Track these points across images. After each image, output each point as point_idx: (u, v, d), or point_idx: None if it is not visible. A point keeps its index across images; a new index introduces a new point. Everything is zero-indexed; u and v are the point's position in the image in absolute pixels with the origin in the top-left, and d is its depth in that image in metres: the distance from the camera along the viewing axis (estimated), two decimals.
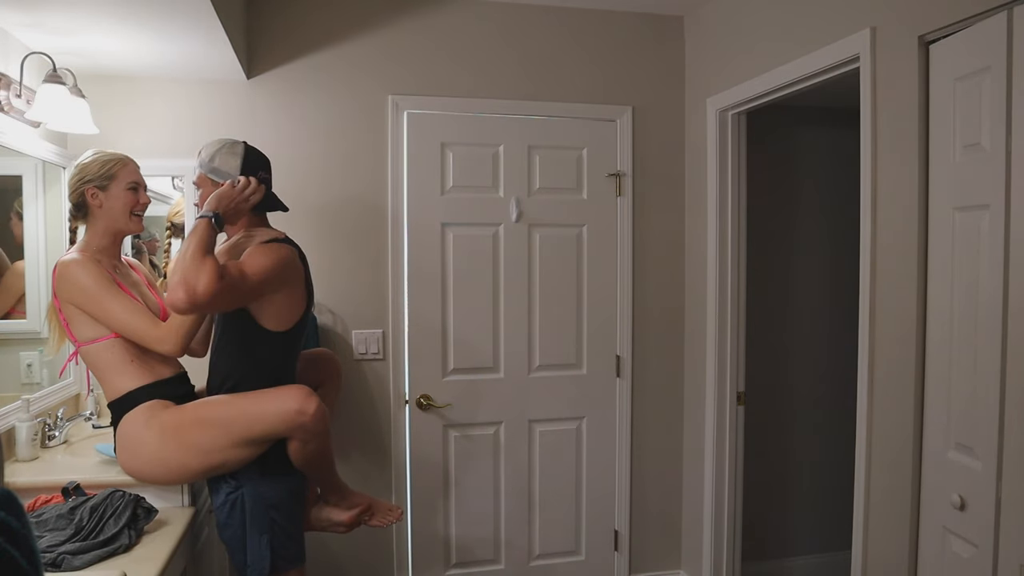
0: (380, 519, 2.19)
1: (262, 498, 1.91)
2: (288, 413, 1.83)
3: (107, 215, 1.98)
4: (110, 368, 1.91)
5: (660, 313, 3.10)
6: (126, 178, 1.99)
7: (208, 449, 1.84)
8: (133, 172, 2.02)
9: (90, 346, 1.91)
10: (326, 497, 2.15)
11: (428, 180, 2.84)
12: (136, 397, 1.90)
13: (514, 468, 2.99)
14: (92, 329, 1.90)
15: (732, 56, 2.74)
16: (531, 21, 2.92)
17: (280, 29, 2.72)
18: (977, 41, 1.71)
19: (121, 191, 1.98)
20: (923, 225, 1.90)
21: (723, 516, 2.91)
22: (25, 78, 2.14)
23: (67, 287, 1.88)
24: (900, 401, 1.98)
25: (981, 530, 1.70)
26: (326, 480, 2.11)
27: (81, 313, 1.89)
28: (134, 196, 2.01)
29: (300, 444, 1.90)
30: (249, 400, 1.86)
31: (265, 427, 1.85)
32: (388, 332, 2.84)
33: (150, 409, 1.89)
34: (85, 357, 1.94)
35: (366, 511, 2.17)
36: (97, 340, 1.90)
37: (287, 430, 1.86)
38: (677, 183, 3.09)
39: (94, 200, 1.96)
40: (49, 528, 1.68)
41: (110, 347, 1.90)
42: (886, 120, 2.01)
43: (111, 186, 1.97)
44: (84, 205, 1.97)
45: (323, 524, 2.15)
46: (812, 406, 3.42)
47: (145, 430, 1.86)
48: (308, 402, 1.83)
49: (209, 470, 1.89)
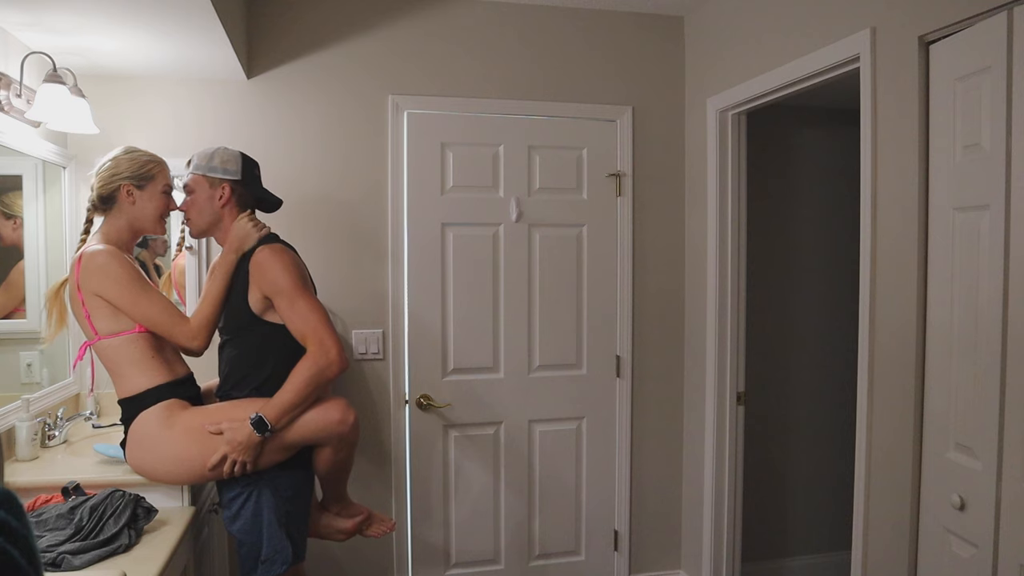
0: (376, 529, 2.24)
1: (280, 491, 1.94)
2: (331, 423, 1.90)
3: (137, 213, 1.98)
4: (129, 363, 1.90)
5: (660, 313, 3.10)
6: (162, 181, 2.01)
7: None
8: (168, 176, 2.04)
9: (112, 339, 1.89)
10: (328, 505, 2.20)
11: (428, 180, 2.85)
12: (154, 395, 1.89)
13: (514, 468, 2.99)
14: (115, 322, 1.89)
15: (732, 56, 2.74)
16: (531, 21, 2.92)
17: (280, 29, 2.72)
18: (977, 41, 1.71)
19: (157, 193, 2.00)
20: (923, 225, 1.90)
21: (723, 516, 2.91)
22: (25, 78, 2.14)
23: (98, 278, 1.86)
24: (900, 401, 1.98)
25: (981, 530, 1.70)
26: (339, 489, 2.17)
27: (107, 306, 1.88)
28: (166, 200, 2.03)
29: (333, 452, 1.98)
30: None
31: (305, 434, 1.90)
32: (388, 332, 2.84)
33: (168, 408, 1.89)
34: (103, 351, 1.92)
35: (365, 521, 2.22)
36: (120, 334, 1.89)
37: (327, 438, 1.93)
38: (677, 183, 3.09)
39: (128, 197, 1.96)
40: (49, 528, 1.68)
41: (133, 341, 1.90)
42: (886, 120, 2.01)
43: (148, 187, 1.98)
44: (112, 199, 1.97)
45: (326, 531, 2.19)
46: (812, 406, 3.42)
47: (165, 429, 1.86)
48: (348, 412, 1.92)
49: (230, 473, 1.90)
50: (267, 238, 1.99)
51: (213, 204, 2.00)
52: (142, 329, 1.90)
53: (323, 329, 1.86)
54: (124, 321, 1.89)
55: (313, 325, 1.86)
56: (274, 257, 1.91)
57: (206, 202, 2.00)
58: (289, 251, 1.97)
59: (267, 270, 1.90)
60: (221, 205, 2.00)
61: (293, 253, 1.99)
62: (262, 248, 1.93)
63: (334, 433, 1.92)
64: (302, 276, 1.95)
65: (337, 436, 1.93)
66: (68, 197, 2.49)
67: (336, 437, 1.93)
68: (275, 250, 1.93)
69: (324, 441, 1.94)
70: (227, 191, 2.00)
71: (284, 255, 1.93)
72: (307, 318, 1.87)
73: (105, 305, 1.88)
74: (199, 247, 2.65)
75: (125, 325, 1.89)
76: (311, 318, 1.87)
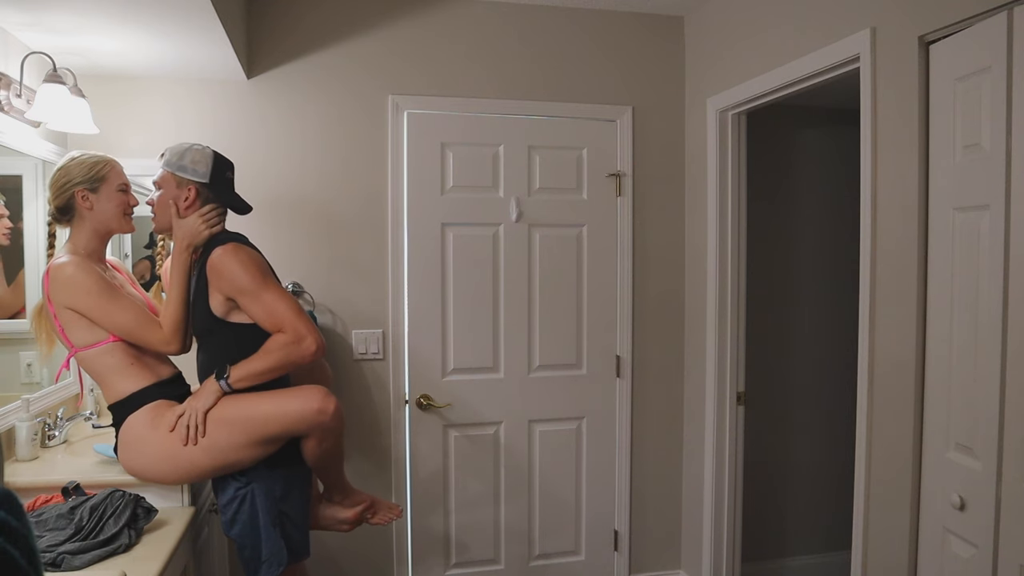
0: (381, 517, 2.21)
1: (272, 492, 1.93)
2: (309, 412, 1.85)
3: (98, 217, 1.95)
4: (111, 372, 1.89)
5: (660, 313, 3.10)
6: (116, 179, 1.98)
7: (224, 448, 1.84)
8: (121, 173, 2.01)
9: (88, 351, 1.88)
10: (330, 495, 2.17)
11: (428, 180, 2.84)
12: (140, 398, 1.89)
13: (514, 468, 2.99)
14: (90, 334, 1.87)
15: (732, 56, 2.74)
16: (531, 21, 2.92)
17: (280, 29, 2.72)
18: (977, 41, 1.71)
19: (113, 192, 1.97)
20: (923, 225, 1.90)
21: (723, 516, 2.91)
22: (25, 78, 2.14)
23: (67, 291, 1.85)
24: (900, 401, 1.98)
25: (981, 530, 1.70)
26: (335, 478, 2.14)
27: (79, 318, 1.86)
28: (125, 197, 2.00)
29: (317, 442, 1.93)
30: (268, 399, 1.86)
31: (284, 426, 1.86)
32: (388, 332, 2.84)
33: (155, 409, 1.88)
34: (82, 362, 1.91)
35: (368, 509, 2.19)
36: (95, 345, 1.88)
37: (307, 428, 1.88)
38: (677, 183, 3.09)
39: (84, 202, 1.93)
40: (49, 528, 1.68)
41: (109, 351, 1.88)
42: (886, 120, 2.01)
43: (102, 188, 1.95)
44: (71, 208, 1.93)
45: (328, 522, 2.16)
46: (812, 406, 3.42)
47: (152, 430, 1.86)
48: (328, 401, 1.86)
49: (220, 469, 1.89)
50: (221, 237, 1.94)
51: (178, 204, 1.94)
52: (116, 338, 1.88)
53: (294, 318, 1.83)
54: (97, 332, 1.87)
55: (282, 316, 1.83)
56: (228, 257, 1.86)
57: (170, 201, 1.95)
58: (245, 247, 1.92)
59: (223, 272, 1.85)
60: (185, 207, 1.94)
61: (250, 248, 1.93)
62: (216, 250, 1.87)
63: (314, 423, 1.86)
64: (262, 270, 1.89)
65: (318, 426, 1.87)
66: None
67: (317, 427, 1.88)
68: (229, 250, 1.87)
69: (305, 432, 1.90)
70: (192, 193, 1.94)
71: (239, 252, 1.87)
72: (274, 310, 1.84)
73: (77, 317, 1.86)
74: None
75: (99, 336, 1.87)
76: (278, 309, 1.84)
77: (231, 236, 1.96)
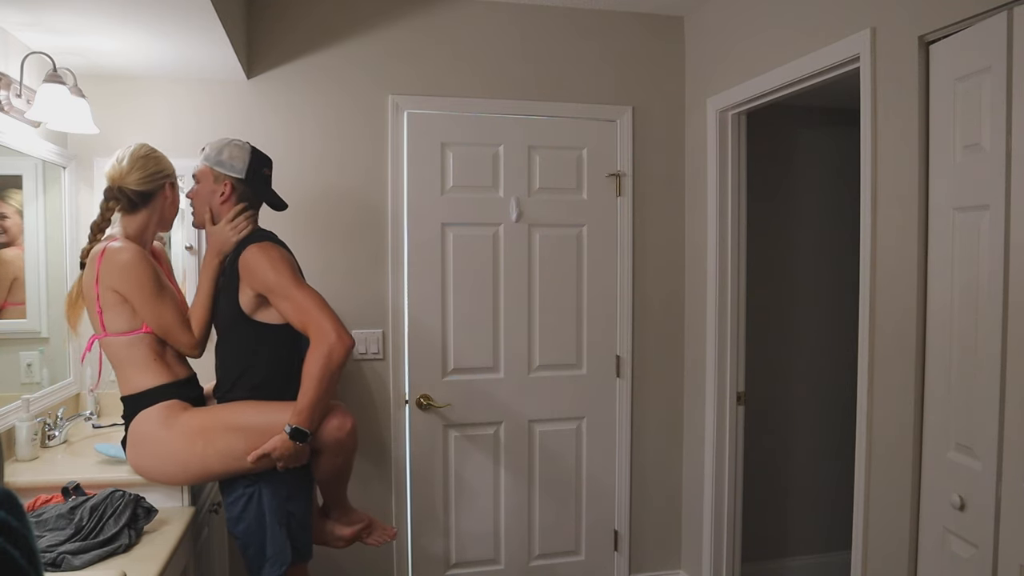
0: (376, 538, 2.24)
1: (279, 492, 1.93)
2: (327, 427, 1.89)
3: (168, 211, 2.04)
4: (132, 363, 1.91)
5: (660, 313, 3.10)
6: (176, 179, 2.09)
7: (239, 455, 1.86)
8: None
9: (119, 338, 1.90)
10: (329, 511, 2.19)
11: (428, 180, 2.84)
12: (154, 395, 1.90)
13: (514, 468, 2.99)
14: (127, 321, 1.90)
15: (732, 56, 2.74)
16: (531, 21, 2.92)
17: (280, 29, 2.72)
18: (977, 41, 1.71)
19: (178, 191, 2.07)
20: (923, 225, 1.90)
21: (723, 516, 2.91)
22: (25, 78, 2.14)
23: (121, 276, 1.87)
24: (900, 401, 1.98)
25: (981, 530, 1.70)
26: (337, 496, 2.15)
27: (122, 303, 1.88)
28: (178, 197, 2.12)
29: (330, 457, 1.96)
30: (287, 411, 1.86)
31: None
32: (388, 332, 2.84)
33: (168, 409, 1.89)
34: (108, 348, 1.93)
35: (365, 529, 2.21)
36: (128, 333, 1.90)
37: (322, 442, 1.91)
38: (677, 183, 3.09)
39: (171, 193, 2.01)
40: (49, 528, 1.68)
41: (138, 342, 1.91)
42: (886, 120, 2.01)
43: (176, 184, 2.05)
44: (151, 197, 1.98)
45: (325, 537, 2.19)
46: (812, 406, 3.42)
47: (164, 430, 1.87)
48: (346, 418, 1.91)
49: (230, 473, 1.91)
50: (255, 235, 1.97)
51: (213, 199, 2.00)
52: (148, 330, 1.91)
53: (319, 314, 1.84)
54: (134, 321, 1.90)
55: (308, 313, 1.85)
56: (261, 255, 1.89)
57: (207, 196, 2.01)
58: (276, 246, 1.95)
59: (256, 269, 1.88)
60: (221, 202, 2.00)
61: (281, 247, 1.97)
62: (249, 247, 1.91)
63: (331, 438, 1.90)
64: (292, 268, 1.93)
65: (334, 441, 1.91)
66: (68, 197, 2.48)
67: (333, 442, 1.92)
68: (262, 248, 1.91)
69: (320, 445, 1.92)
70: (228, 189, 1.99)
71: (271, 251, 1.91)
72: (302, 307, 1.86)
73: (120, 302, 1.88)
74: (198, 246, 2.65)
75: (134, 325, 1.90)
76: (306, 306, 1.86)
77: (263, 234, 2.00)
